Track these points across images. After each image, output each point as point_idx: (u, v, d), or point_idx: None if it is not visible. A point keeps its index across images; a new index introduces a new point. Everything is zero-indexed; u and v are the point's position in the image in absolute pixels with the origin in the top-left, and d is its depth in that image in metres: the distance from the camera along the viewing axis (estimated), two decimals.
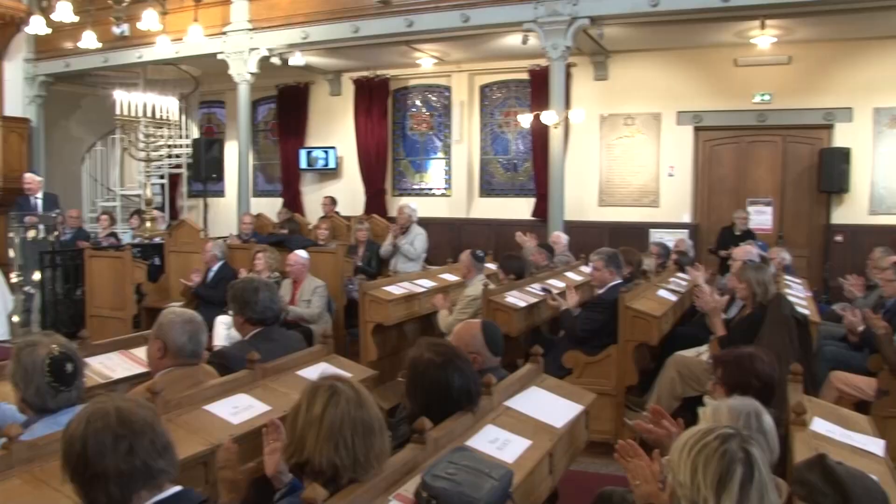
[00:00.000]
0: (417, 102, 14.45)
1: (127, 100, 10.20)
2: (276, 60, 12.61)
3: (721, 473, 2.04)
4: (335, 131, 14.70)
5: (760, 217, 11.89)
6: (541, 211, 12.50)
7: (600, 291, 6.29)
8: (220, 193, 15.73)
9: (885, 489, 2.43)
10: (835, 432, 3.30)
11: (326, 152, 14.58)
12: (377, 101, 14.17)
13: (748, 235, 10.79)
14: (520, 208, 13.25)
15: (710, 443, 2.09)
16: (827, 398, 5.32)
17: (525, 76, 13.15)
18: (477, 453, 2.74)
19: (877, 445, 3.21)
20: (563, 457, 3.54)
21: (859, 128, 11.41)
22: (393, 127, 14.50)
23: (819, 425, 3.33)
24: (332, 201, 12.97)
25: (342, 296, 8.01)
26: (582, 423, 3.84)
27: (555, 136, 10.97)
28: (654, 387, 6.01)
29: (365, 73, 14.17)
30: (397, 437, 3.12)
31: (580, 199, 12.43)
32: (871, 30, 10.76)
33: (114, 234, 11.79)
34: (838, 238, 11.58)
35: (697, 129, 12.32)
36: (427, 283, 7.54)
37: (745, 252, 7.44)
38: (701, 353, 5.92)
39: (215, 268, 8.33)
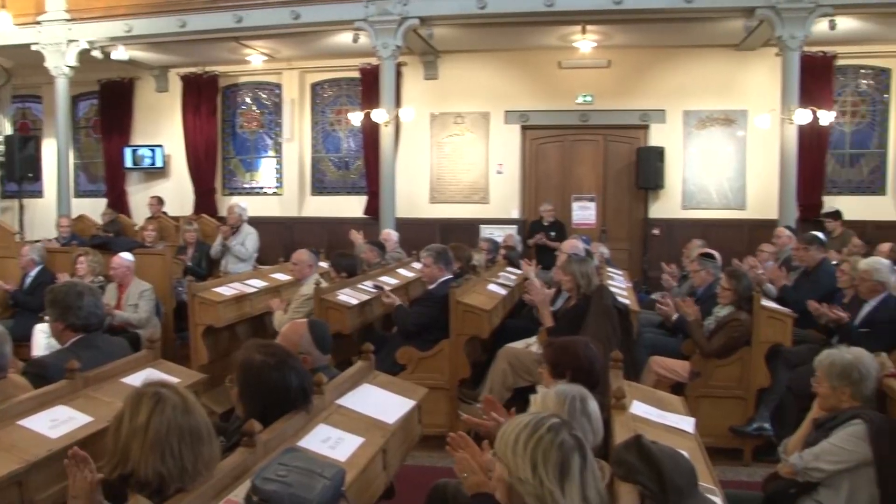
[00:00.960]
0: (247, 100, 14.11)
1: None
2: (97, 54, 11.97)
3: (561, 464, 2.11)
4: (162, 129, 14.10)
5: (585, 212, 12.44)
6: (373, 208, 12.53)
7: (431, 287, 6.37)
8: (38, 194, 14.75)
9: (694, 462, 2.61)
10: (651, 414, 3.50)
11: (153, 151, 13.98)
12: (206, 99, 13.74)
13: (555, 226, 11.27)
14: (352, 206, 13.23)
15: (545, 436, 2.14)
16: (647, 382, 5.64)
17: (356, 74, 13.12)
18: (309, 453, 2.72)
19: (688, 423, 3.44)
20: (397, 452, 3.57)
21: (672, 128, 12.19)
22: (223, 125, 14.09)
23: (638, 408, 3.51)
24: (159, 201, 12.51)
25: (171, 298, 7.75)
26: (415, 418, 3.88)
27: (385, 135, 11.07)
28: (486, 379, 6.14)
29: (193, 70, 13.70)
30: (232, 442, 3.05)
31: (411, 197, 12.56)
32: (681, 38, 11.53)
33: None
34: (655, 231, 12.29)
35: (524, 128, 12.72)
36: (258, 284, 7.39)
37: (572, 246, 7.72)
38: (530, 345, 6.10)
39: (33, 273, 7.87)
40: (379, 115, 10.99)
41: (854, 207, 11.38)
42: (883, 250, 8.27)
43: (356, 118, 12.39)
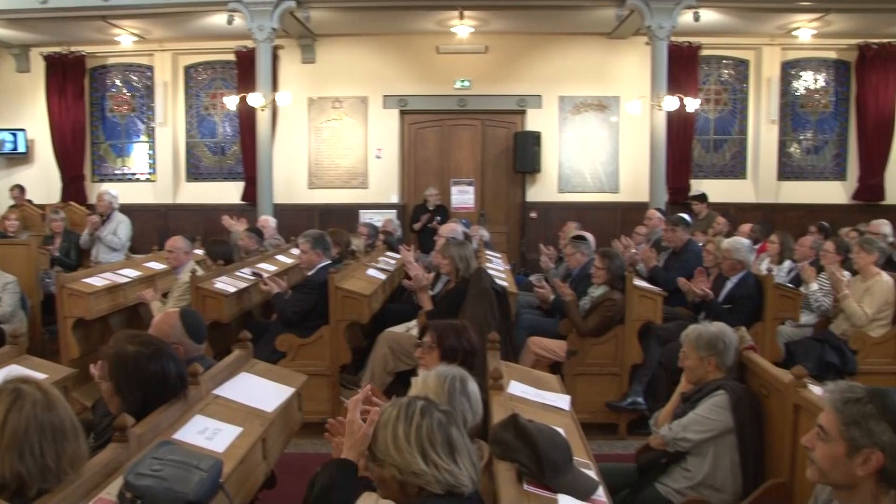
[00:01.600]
0: (117, 82, 13.54)
1: None
2: None
3: (447, 442, 2.13)
4: (24, 112, 13.34)
5: (463, 196, 12.59)
6: (250, 195, 12.31)
7: (309, 273, 6.32)
8: None
9: (568, 438, 2.71)
10: (528, 393, 3.58)
11: (14, 135, 13.23)
12: (72, 80, 13.08)
13: (440, 210, 11.39)
14: (229, 192, 12.97)
15: (422, 422, 2.15)
16: (525, 362, 5.77)
17: (232, 57, 12.83)
18: (184, 446, 2.66)
19: (563, 401, 3.54)
20: (278, 440, 3.53)
21: (548, 114, 12.49)
22: (91, 108, 13.47)
23: (515, 388, 3.59)
24: (21, 190, 11.87)
25: (37, 291, 7.43)
26: (295, 405, 3.84)
27: (262, 119, 10.89)
28: (367, 364, 6.15)
29: (57, 49, 13.01)
30: (105, 438, 2.94)
31: (290, 182, 12.45)
32: (556, 25, 11.79)
33: None
34: (533, 214, 12.56)
35: (403, 113, 12.75)
36: (132, 273, 7.15)
37: (451, 230, 7.79)
38: (410, 329, 6.14)
39: None
40: (255, 99, 10.80)
41: (718, 190, 11.97)
42: (744, 231, 8.75)
43: (232, 102, 12.11)
